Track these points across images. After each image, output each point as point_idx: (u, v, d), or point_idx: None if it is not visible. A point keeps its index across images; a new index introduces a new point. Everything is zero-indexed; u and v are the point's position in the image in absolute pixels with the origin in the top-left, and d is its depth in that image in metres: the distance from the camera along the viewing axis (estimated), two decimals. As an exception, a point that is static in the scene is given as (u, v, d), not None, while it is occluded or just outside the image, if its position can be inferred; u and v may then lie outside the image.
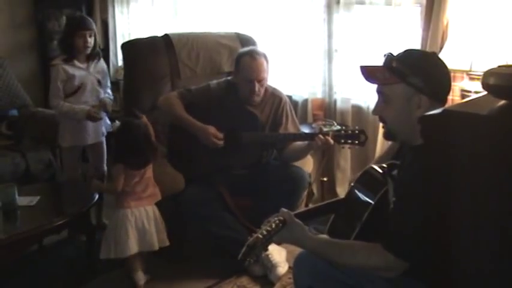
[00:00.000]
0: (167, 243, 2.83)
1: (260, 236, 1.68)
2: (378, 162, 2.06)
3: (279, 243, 1.84)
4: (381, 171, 1.94)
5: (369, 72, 1.71)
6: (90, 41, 3.27)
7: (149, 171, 2.81)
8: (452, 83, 2.35)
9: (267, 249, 1.76)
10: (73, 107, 3.27)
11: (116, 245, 2.70)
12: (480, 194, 1.37)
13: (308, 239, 1.76)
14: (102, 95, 3.41)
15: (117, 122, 3.32)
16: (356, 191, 1.99)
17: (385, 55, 1.72)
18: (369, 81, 1.71)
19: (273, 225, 1.72)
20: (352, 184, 2.03)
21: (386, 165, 1.89)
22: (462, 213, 1.55)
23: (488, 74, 1.42)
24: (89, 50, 3.29)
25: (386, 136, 1.82)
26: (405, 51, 1.77)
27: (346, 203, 2.02)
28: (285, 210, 1.81)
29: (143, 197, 2.78)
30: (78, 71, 3.30)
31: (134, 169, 2.75)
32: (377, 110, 1.75)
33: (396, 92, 1.65)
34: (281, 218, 1.75)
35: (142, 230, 2.74)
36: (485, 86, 1.44)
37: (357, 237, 1.84)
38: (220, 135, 2.93)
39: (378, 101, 1.73)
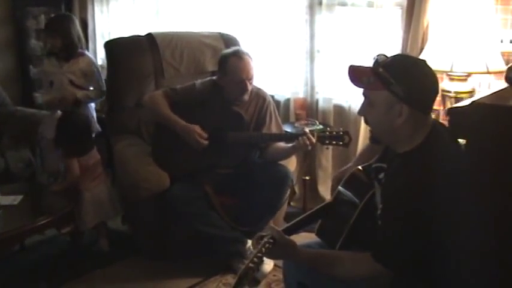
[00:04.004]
0: (121, 212, 3.25)
1: (251, 265, 1.65)
2: (360, 160, 2.07)
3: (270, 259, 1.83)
4: (366, 173, 1.95)
5: (355, 75, 1.69)
6: (52, 42, 3.50)
7: (94, 158, 3.17)
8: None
9: (258, 270, 1.72)
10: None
11: (77, 220, 2.99)
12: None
13: (298, 255, 1.76)
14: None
15: (59, 112, 3.47)
16: (343, 193, 2.00)
17: (374, 57, 1.70)
18: (353, 83, 1.70)
19: (263, 250, 1.69)
20: (339, 186, 2.03)
21: (374, 167, 1.88)
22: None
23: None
24: (55, 50, 3.51)
25: (372, 140, 1.83)
26: (395, 56, 1.76)
27: (334, 205, 2.03)
28: (273, 227, 1.79)
29: (95, 177, 3.13)
30: (51, 68, 3.58)
31: (75, 156, 3.06)
32: (361, 111, 1.74)
33: (379, 98, 1.64)
34: (270, 239, 1.71)
35: (99, 204, 3.08)
36: (508, 79, 1.42)
37: (345, 240, 1.86)
38: (205, 134, 2.94)
39: (363, 102, 1.72)
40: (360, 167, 2.02)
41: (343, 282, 1.82)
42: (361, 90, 1.72)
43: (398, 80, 1.59)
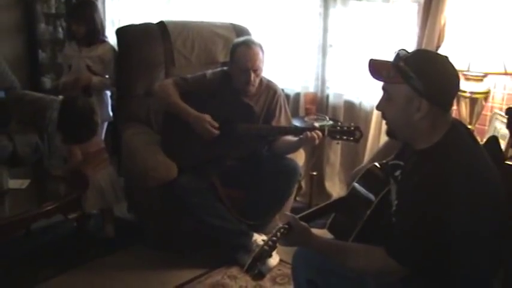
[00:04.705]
0: (123, 200, 3.26)
1: (266, 247, 1.66)
2: (377, 157, 2.06)
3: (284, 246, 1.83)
4: (383, 170, 1.94)
5: (375, 68, 1.68)
6: (76, 29, 3.49)
7: (96, 145, 3.13)
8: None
9: (271, 255, 1.74)
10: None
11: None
12: None
13: (314, 242, 1.75)
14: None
15: (60, 97, 3.48)
16: (358, 189, 1.98)
17: (395, 52, 1.68)
18: (373, 76, 1.69)
19: (279, 235, 1.70)
20: (354, 182, 2.01)
21: (389, 165, 1.87)
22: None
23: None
24: (78, 36, 3.53)
25: (388, 134, 1.80)
26: (416, 51, 1.75)
27: (348, 200, 2.01)
28: (289, 214, 1.79)
29: (97, 164, 3.10)
30: (71, 52, 3.59)
31: (75, 143, 3.04)
32: (380, 105, 1.73)
33: (398, 92, 1.62)
34: (286, 225, 1.72)
35: (99, 191, 3.05)
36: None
37: (357, 236, 1.84)
38: (216, 124, 2.91)
39: (382, 97, 1.71)
40: (376, 164, 2.00)
41: (352, 280, 1.82)
42: (373, 86, 1.71)
43: (418, 75, 1.58)
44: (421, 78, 1.57)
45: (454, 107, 3.00)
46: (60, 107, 3.19)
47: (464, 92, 2.86)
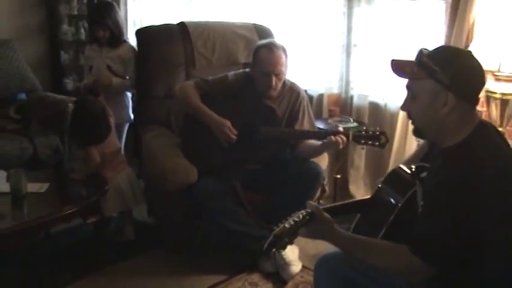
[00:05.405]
0: (142, 202, 3.25)
1: (287, 225, 1.63)
2: (411, 161, 2.00)
3: (306, 238, 1.78)
4: (409, 172, 1.91)
5: (398, 66, 1.67)
6: (102, 33, 3.49)
7: (112, 146, 3.11)
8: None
9: (292, 242, 1.69)
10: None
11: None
12: None
13: (336, 234, 1.71)
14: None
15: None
16: (383, 191, 1.94)
17: (418, 49, 1.67)
18: (397, 74, 1.67)
19: (301, 216, 1.67)
20: (379, 184, 1.97)
21: (415, 166, 1.84)
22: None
23: None
24: (103, 41, 3.54)
25: (415, 133, 1.76)
26: (439, 47, 1.72)
27: (373, 202, 1.97)
28: (312, 203, 1.75)
29: (115, 166, 3.08)
30: (92, 53, 3.60)
31: (91, 144, 3.00)
32: (405, 105, 1.71)
33: (423, 87, 1.60)
34: (308, 210, 1.69)
35: (119, 193, 3.04)
36: None
37: (382, 238, 1.79)
38: (235, 131, 2.86)
39: (406, 96, 1.69)
40: (402, 166, 1.97)
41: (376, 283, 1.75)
42: (399, 86, 1.68)
43: (442, 68, 1.56)
44: (445, 71, 1.56)
45: (484, 109, 2.91)
46: (73, 110, 3.17)
47: (495, 93, 2.78)
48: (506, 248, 1.55)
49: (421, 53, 1.63)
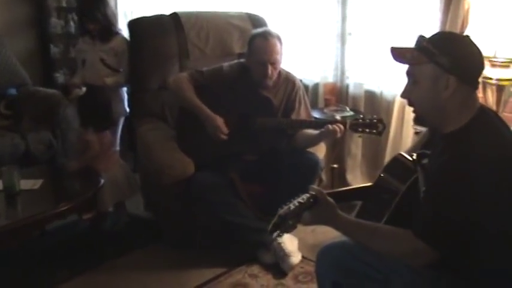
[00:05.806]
0: (138, 190, 3.25)
1: (292, 207, 1.62)
2: (412, 150, 1.99)
3: (307, 224, 1.77)
4: (410, 159, 1.90)
5: (398, 53, 1.67)
6: (92, 27, 3.42)
7: (109, 136, 3.16)
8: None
9: (296, 226, 1.68)
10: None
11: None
12: None
13: (340, 219, 1.71)
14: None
15: (84, 89, 3.43)
16: (385, 178, 1.94)
17: (418, 36, 1.68)
18: (397, 60, 1.67)
19: (305, 198, 1.65)
20: (381, 172, 1.97)
21: (417, 154, 1.85)
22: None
23: None
24: (93, 33, 3.46)
25: (416, 121, 1.78)
26: (438, 32, 1.77)
27: (375, 189, 1.96)
28: (316, 187, 1.74)
29: (109, 156, 3.11)
30: (85, 46, 3.52)
31: (96, 130, 3.03)
32: (405, 92, 1.70)
33: (424, 72, 1.61)
34: (313, 193, 1.68)
35: (115, 184, 3.02)
36: None
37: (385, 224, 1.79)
38: (226, 129, 2.84)
39: (406, 83, 1.69)
40: (402, 153, 1.97)
41: (380, 282, 1.73)
42: (394, 74, 1.66)
43: (442, 51, 1.57)
44: (445, 55, 1.57)
45: (480, 95, 2.90)
46: (83, 96, 3.27)
47: (491, 78, 2.79)
48: (506, 231, 1.55)
49: (421, 38, 1.63)
